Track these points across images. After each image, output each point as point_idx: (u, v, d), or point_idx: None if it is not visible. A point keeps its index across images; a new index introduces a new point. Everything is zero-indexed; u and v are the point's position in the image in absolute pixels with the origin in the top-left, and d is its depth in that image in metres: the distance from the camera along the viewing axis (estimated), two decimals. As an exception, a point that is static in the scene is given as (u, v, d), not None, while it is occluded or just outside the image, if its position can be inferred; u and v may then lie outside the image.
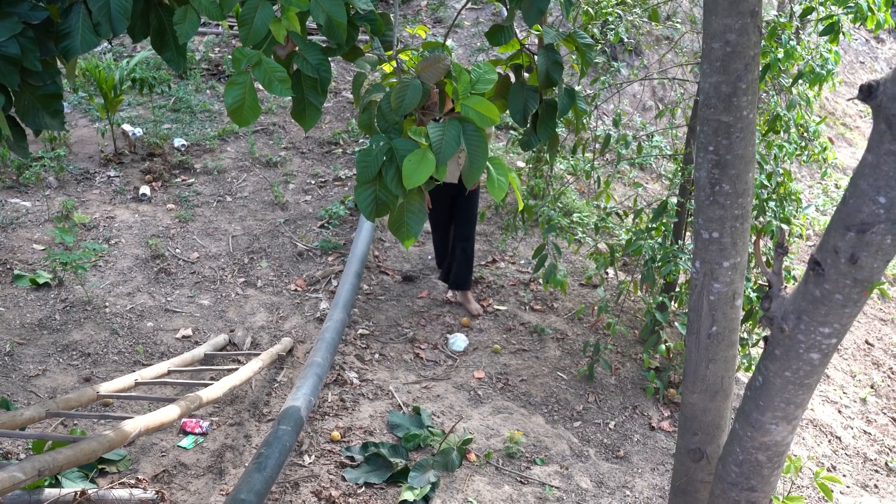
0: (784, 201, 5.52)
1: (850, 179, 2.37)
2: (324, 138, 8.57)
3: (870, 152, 2.28)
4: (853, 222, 2.36)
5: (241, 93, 2.70)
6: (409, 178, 2.64)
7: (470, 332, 6.16)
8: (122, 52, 9.70)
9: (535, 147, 3.42)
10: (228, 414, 5.15)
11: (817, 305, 2.54)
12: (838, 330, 2.57)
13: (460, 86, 2.86)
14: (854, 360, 7.02)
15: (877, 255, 2.37)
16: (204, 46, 10.05)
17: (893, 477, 5.66)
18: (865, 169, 2.30)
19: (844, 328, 2.58)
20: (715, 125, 2.99)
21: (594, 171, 6.14)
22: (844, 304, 2.50)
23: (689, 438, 3.45)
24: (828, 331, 2.57)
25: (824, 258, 2.47)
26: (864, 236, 2.34)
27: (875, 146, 2.26)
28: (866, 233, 2.33)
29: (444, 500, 4.61)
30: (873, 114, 2.25)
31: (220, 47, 10.15)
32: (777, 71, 5.12)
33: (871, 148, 2.28)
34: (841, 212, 2.40)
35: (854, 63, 12.65)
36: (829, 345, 2.62)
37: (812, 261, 2.52)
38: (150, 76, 8.11)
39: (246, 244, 6.93)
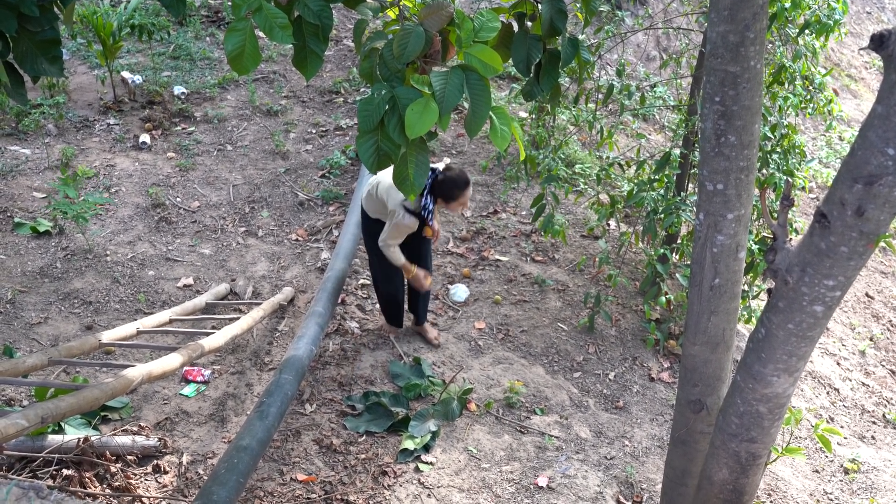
0: (788, 154, 5.48)
1: (859, 131, 2.34)
2: (325, 87, 8.49)
3: (880, 103, 2.25)
4: (861, 174, 2.33)
5: (242, 40, 2.65)
6: (411, 128, 2.61)
7: (471, 283, 6.16)
8: (120, -3, 9.58)
9: (538, 97, 3.37)
10: (230, 363, 5.18)
11: (822, 258, 2.53)
12: (843, 283, 2.56)
13: (463, 33, 2.81)
14: (854, 312, 7.04)
15: (884, 208, 2.35)
16: (203, -8, 9.93)
17: (891, 428, 5.70)
18: (875, 120, 2.27)
19: (849, 281, 2.57)
20: (721, 75, 2.94)
21: (597, 121, 6.09)
22: (850, 257, 2.49)
23: (690, 390, 3.46)
24: (832, 283, 2.56)
25: (830, 210, 2.45)
26: (871, 188, 2.32)
27: (886, 97, 2.23)
28: (874, 185, 2.31)
29: (445, 448, 4.65)
30: (884, 64, 2.22)
31: (220, -6, 10.03)
32: (783, 20, 5.05)
33: (881, 98, 2.25)
34: (848, 164, 2.38)
35: (861, 13, 12.50)
36: (833, 297, 2.61)
37: (818, 213, 2.50)
38: (148, 23, 8.00)
39: (247, 193, 6.90)
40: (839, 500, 4.83)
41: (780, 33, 5.39)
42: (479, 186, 7.27)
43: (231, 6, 2.65)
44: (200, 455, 4.43)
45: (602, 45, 6.07)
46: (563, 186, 6.18)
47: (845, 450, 5.28)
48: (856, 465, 5.09)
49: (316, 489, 4.27)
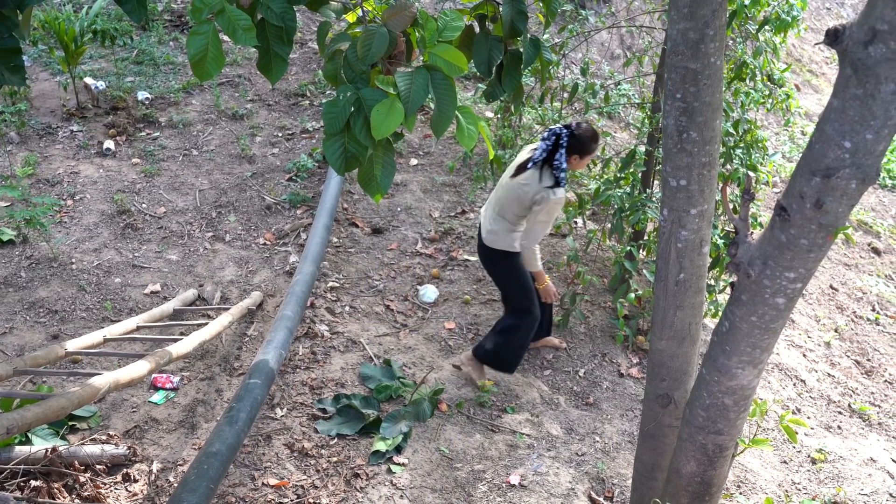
0: (751, 149, 5.55)
1: (817, 125, 2.38)
2: (290, 90, 8.46)
3: (836, 97, 2.29)
4: (819, 167, 2.37)
5: (204, 43, 2.62)
6: (377, 129, 2.61)
7: (440, 284, 6.17)
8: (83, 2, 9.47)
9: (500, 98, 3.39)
10: (199, 369, 5.15)
11: (783, 251, 2.57)
12: (803, 275, 2.60)
13: (427, 33, 2.82)
14: (819, 304, 7.13)
15: (842, 200, 2.39)
16: (165, -3, 9.86)
17: (856, 418, 5.78)
18: (831, 114, 2.31)
19: (809, 273, 2.61)
20: (682, 72, 2.98)
21: (562, 120, 6.12)
22: (810, 249, 2.53)
23: (658, 384, 3.49)
24: (793, 275, 2.60)
25: (790, 203, 2.49)
26: (829, 181, 2.36)
27: (841, 91, 2.27)
28: (832, 177, 2.35)
29: (417, 449, 4.66)
30: (839, 58, 2.26)
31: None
32: (743, 17, 5.11)
33: (836, 93, 2.29)
34: (807, 157, 2.42)
35: (821, 9, 12.67)
36: (795, 289, 2.65)
37: (778, 206, 2.54)
38: (111, 28, 7.94)
39: (213, 198, 6.86)
40: (807, 490, 4.89)
41: (741, 30, 5.45)
42: (446, 187, 7.29)
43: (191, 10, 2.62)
44: (171, 462, 4.40)
45: (566, 45, 6.11)
46: (530, 185, 6.20)
47: (812, 440, 5.35)
48: (823, 455, 5.16)
49: (288, 493, 4.26)
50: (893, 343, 6.92)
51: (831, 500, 4.81)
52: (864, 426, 5.72)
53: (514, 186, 4.65)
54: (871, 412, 5.85)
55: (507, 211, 4.73)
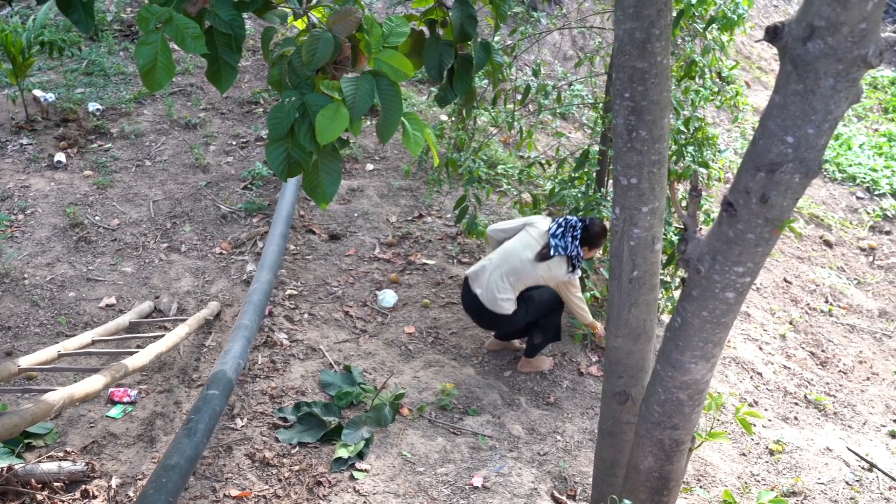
0: (702, 146, 5.61)
1: (760, 121, 2.41)
2: (243, 98, 8.41)
3: (777, 93, 2.33)
4: (763, 162, 2.41)
5: (153, 53, 2.59)
6: (322, 134, 2.60)
7: (399, 288, 6.16)
8: (30, 13, 9.33)
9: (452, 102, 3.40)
10: (157, 381, 5.09)
11: (731, 246, 2.60)
12: (752, 269, 2.64)
13: (372, 39, 2.82)
14: (773, 297, 7.22)
15: (786, 194, 2.42)
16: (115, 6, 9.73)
17: (812, 408, 5.87)
18: (773, 110, 2.34)
19: (757, 267, 2.64)
20: (630, 72, 3.01)
21: (516, 122, 6.15)
22: (757, 244, 2.56)
23: (615, 382, 3.52)
24: (742, 270, 2.63)
25: (736, 199, 2.52)
26: (773, 176, 2.39)
27: (782, 87, 2.30)
28: (776, 172, 2.38)
29: (379, 455, 4.65)
30: (779, 55, 2.29)
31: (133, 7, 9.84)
32: (690, 16, 5.17)
33: (778, 89, 2.32)
34: (751, 153, 2.45)
35: (768, 7, 12.84)
36: (744, 283, 2.68)
37: (725, 202, 2.57)
38: (59, 39, 7.82)
39: (168, 209, 6.80)
40: (766, 481, 4.95)
41: (689, 28, 5.52)
42: (402, 191, 7.28)
43: (137, 19, 2.59)
44: (130, 477, 4.35)
45: (518, 47, 6.13)
46: (485, 187, 6.23)
47: (770, 432, 5.42)
48: (780, 446, 5.23)
49: (250, 504, 4.23)
50: (847, 334, 7.03)
51: (789, 490, 4.87)
52: (820, 416, 5.81)
53: (540, 268, 5.05)
54: (826, 402, 5.93)
55: (520, 283, 5.13)
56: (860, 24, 2.08)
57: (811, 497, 4.85)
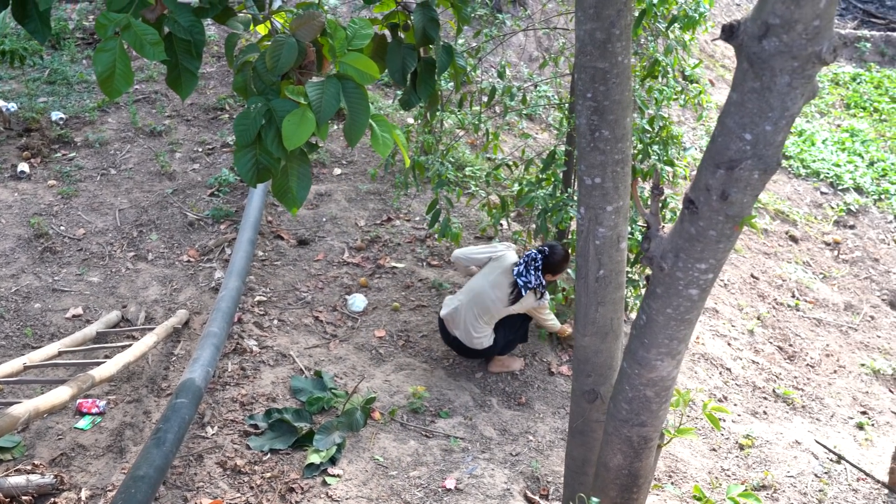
0: (667, 144, 5.65)
1: (718, 118, 2.44)
2: (209, 104, 8.36)
3: (734, 91, 2.35)
4: (722, 160, 2.43)
5: (112, 60, 2.57)
6: (289, 139, 2.59)
7: (369, 292, 6.16)
8: (-11, 23, 9.24)
9: (416, 105, 3.40)
10: (126, 391, 5.05)
11: (693, 243, 2.63)
12: (714, 265, 2.67)
13: (336, 42, 2.81)
14: (741, 293, 7.29)
15: (746, 191, 2.45)
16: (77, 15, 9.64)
17: (781, 402, 5.93)
18: (731, 107, 2.37)
19: (720, 263, 2.67)
20: (592, 72, 3.03)
21: (482, 124, 6.17)
22: (718, 240, 2.59)
23: (584, 380, 3.54)
24: (704, 266, 2.66)
25: (697, 196, 2.55)
26: (733, 173, 2.42)
27: (739, 84, 2.33)
28: (735, 169, 2.41)
29: (351, 459, 4.64)
30: (736, 53, 2.32)
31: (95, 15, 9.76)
32: (653, 16, 5.21)
33: (735, 86, 2.35)
34: (710, 150, 2.48)
35: (731, 5, 12.97)
36: (707, 280, 2.71)
37: (686, 200, 2.60)
38: (20, 48, 7.73)
39: (134, 217, 6.75)
40: (736, 476, 5.00)
41: (652, 28, 5.56)
42: (370, 195, 7.28)
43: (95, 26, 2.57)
44: (100, 489, 4.31)
45: (483, 49, 6.15)
46: (454, 190, 6.24)
47: (740, 426, 5.47)
48: (750, 441, 5.28)
49: (222, 512, 4.21)
50: (813, 327, 7.11)
51: (759, 483, 4.92)
52: (789, 410, 5.87)
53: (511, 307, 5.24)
54: (794, 396, 6.00)
55: (491, 316, 5.29)
56: (814, 22, 2.11)
57: (781, 490, 4.91)
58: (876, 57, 12.54)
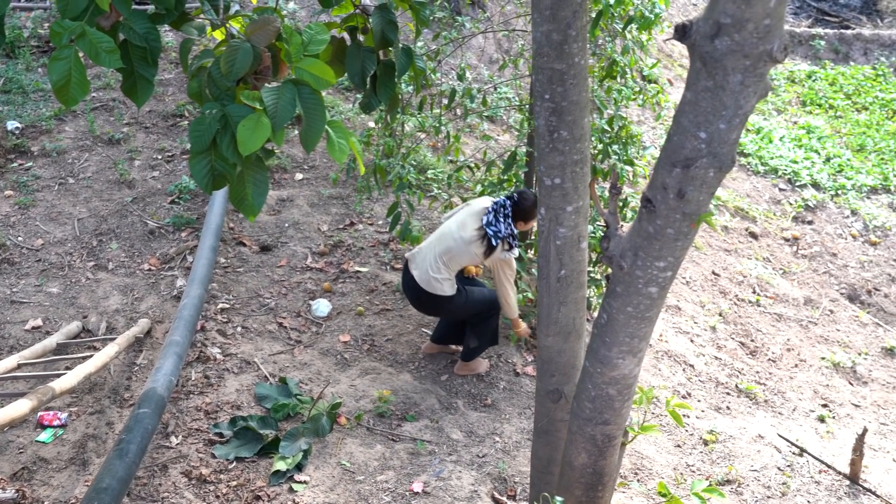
0: (626, 144, 5.70)
1: (674, 117, 2.46)
2: (168, 111, 8.29)
3: (689, 90, 2.38)
4: (678, 158, 2.46)
5: (67, 68, 2.54)
6: (244, 145, 2.58)
7: (333, 297, 6.14)
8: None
9: (375, 109, 3.40)
10: (88, 402, 4.99)
11: (651, 241, 2.65)
12: (672, 263, 2.69)
13: (292, 48, 2.80)
14: (703, 290, 7.36)
15: (702, 189, 2.48)
16: (32, 22, 9.52)
17: (743, 397, 6.00)
18: (685, 106, 2.40)
19: (678, 261, 2.70)
20: (549, 73, 3.05)
21: (443, 126, 6.17)
22: (676, 238, 2.61)
23: (548, 380, 3.56)
24: (663, 265, 2.69)
25: (654, 195, 2.57)
26: (689, 171, 2.45)
27: (693, 84, 2.35)
28: (691, 168, 2.44)
29: (318, 465, 4.62)
30: (689, 52, 2.34)
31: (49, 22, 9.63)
32: (610, 17, 5.25)
33: (689, 86, 2.38)
34: (666, 149, 2.50)
35: (688, 5, 13.10)
36: (666, 278, 2.73)
37: (644, 198, 2.62)
38: (-27, 57, 7.64)
39: (93, 226, 6.67)
40: (701, 471, 5.04)
41: (609, 29, 5.60)
42: (333, 200, 7.26)
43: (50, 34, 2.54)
44: (62, 502, 4.25)
45: (442, 51, 6.16)
46: (416, 193, 6.25)
47: (704, 422, 5.52)
48: (714, 436, 5.33)
49: (187, 522, 4.17)
50: (774, 322, 7.20)
51: (724, 478, 4.97)
52: (752, 405, 5.94)
53: (473, 246, 5.01)
54: (757, 391, 6.07)
55: (455, 262, 5.10)
56: (764, 21, 2.14)
57: (745, 484, 4.96)
58: (830, 54, 12.72)
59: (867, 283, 8.05)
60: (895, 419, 6.13)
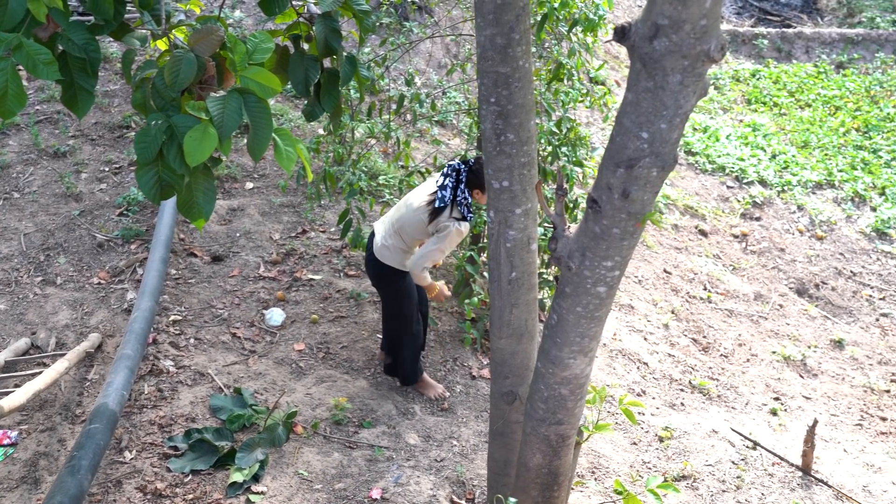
0: (575, 146, 5.75)
1: (616, 118, 2.49)
2: (114, 122, 8.18)
3: (629, 91, 2.41)
4: (622, 159, 2.49)
5: (3, 81, 2.51)
6: (191, 155, 2.56)
7: (286, 306, 6.11)
8: None
9: (319, 117, 3.40)
10: (39, 420, 4.91)
11: (598, 241, 2.68)
12: (619, 262, 2.72)
13: (237, 56, 2.79)
14: (655, 288, 7.45)
15: (646, 188, 2.51)
16: (-29, 35, 9.37)
17: (697, 393, 6.07)
18: (627, 107, 2.43)
19: (625, 260, 2.73)
20: (494, 77, 3.07)
21: (393, 132, 6.18)
22: (622, 238, 2.65)
23: (502, 382, 3.57)
24: (610, 264, 2.72)
25: (600, 196, 2.60)
26: (632, 171, 2.48)
27: (633, 85, 2.39)
28: (634, 167, 2.47)
29: (275, 475, 4.59)
30: (629, 53, 2.38)
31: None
32: (555, 20, 5.29)
33: (630, 87, 2.41)
34: (610, 150, 2.53)
35: (633, 7, 13.24)
36: (613, 277, 2.76)
37: (589, 199, 2.65)
38: (-89, 71, 7.47)
39: (40, 241, 6.56)
40: (657, 468, 5.10)
41: (555, 32, 5.65)
42: (284, 208, 7.22)
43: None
44: (14, 522, 4.19)
45: (389, 57, 6.16)
46: (367, 199, 6.24)
47: (658, 419, 5.58)
48: (669, 433, 5.39)
49: (143, 537, 4.12)
50: (726, 318, 7.30)
51: (679, 474, 5.03)
52: (705, 400, 6.01)
53: (420, 211, 4.81)
54: (710, 386, 6.15)
55: (405, 232, 4.88)
56: (701, 21, 2.18)
57: (700, 479, 5.02)
58: (773, 53, 12.94)
59: (815, 276, 8.20)
60: (845, 410, 6.25)
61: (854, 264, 8.46)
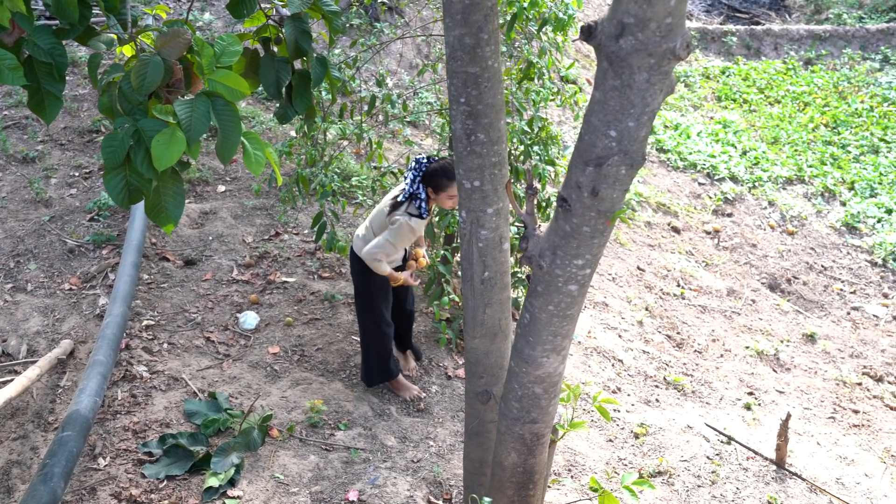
0: (547, 144, 5.76)
1: (584, 117, 2.51)
2: (83, 127, 8.12)
3: (597, 89, 2.42)
4: (590, 157, 2.50)
5: (-32, 87, 2.50)
6: (159, 160, 2.56)
7: (260, 309, 6.08)
8: None
9: (292, 119, 3.39)
10: (10, 428, 4.86)
11: (569, 240, 2.69)
12: (590, 261, 2.73)
13: (204, 60, 2.78)
14: (629, 286, 7.48)
15: (615, 186, 2.53)
16: (-63, 40, 9.26)
17: (672, 389, 6.11)
18: (595, 106, 2.44)
19: (596, 258, 2.74)
20: (463, 77, 3.07)
21: (365, 133, 6.17)
22: (592, 236, 2.66)
23: (476, 382, 3.58)
24: (581, 262, 2.73)
25: (570, 194, 2.61)
26: (601, 169, 2.49)
27: (601, 83, 2.40)
28: (603, 166, 2.48)
29: (251, 480, 4.57)
30: (596, 52, 2.39)
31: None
32: (524, 19, 5.31)
33: (597, 85, 2.42)
34: (579, 148, 2.54)
35: (603, 6, 13.29)
36: (585, 275, 2.77)
37: (559, 198, 2.66)
38: None
39: (10, 248, 6.50)
40: (633, 464, 5.12)
41: (525, 31, 5.66)
42: (257, 211, 7.19)
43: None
44: (-14, 532, 4.14)
45: (359, 59, 6.15)
46: (340, 201, 6.23)
47: (634, 416, 5.61)
48: (644, 429, 5.42)
49: (118, 545, 4.09)
50: (699, 314, 7.35)
51: (655, 470, 5.06)
52: (680, 396, 6.05)
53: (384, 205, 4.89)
54: (684, 382, 6.19)
55: (374, 223, 4.95)
56: (666, 19, 2.19)
57: (676, 475, 5.05)
58: (742, 50, 13.05)
59: (786, 271, 8.28)
60: (818, 403, 6.31)
61: (825, 259, 8.55)
